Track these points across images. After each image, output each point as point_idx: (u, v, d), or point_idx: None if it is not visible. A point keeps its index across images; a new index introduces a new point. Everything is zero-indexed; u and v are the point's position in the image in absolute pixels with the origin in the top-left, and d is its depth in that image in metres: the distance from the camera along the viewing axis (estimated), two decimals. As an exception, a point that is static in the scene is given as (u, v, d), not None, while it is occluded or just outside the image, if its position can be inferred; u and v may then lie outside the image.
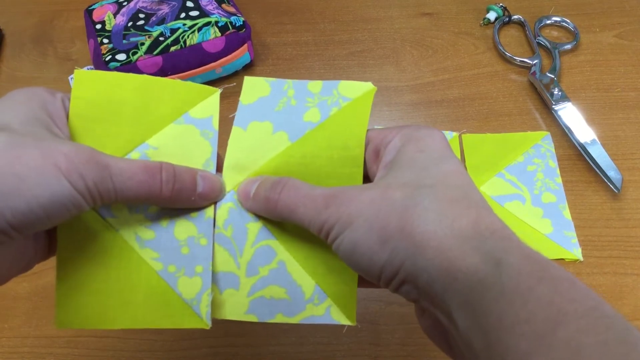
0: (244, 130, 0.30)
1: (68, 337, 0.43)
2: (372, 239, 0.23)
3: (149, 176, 0.25)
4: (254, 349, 0.42)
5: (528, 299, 0.20)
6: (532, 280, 0.20)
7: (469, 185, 0.24)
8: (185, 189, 0.26)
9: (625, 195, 0.48)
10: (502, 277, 0.21)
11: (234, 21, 0.55)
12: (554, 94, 0.54)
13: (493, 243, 0.22)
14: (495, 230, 0.22)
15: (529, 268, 0.21)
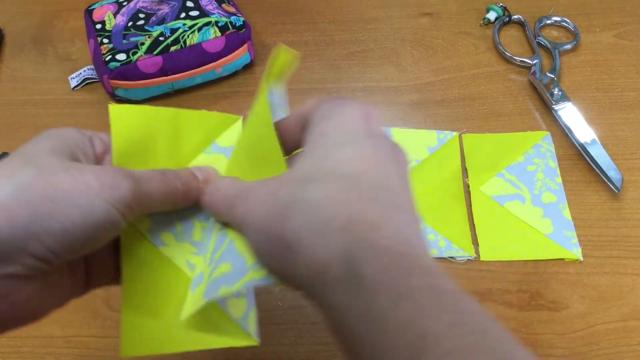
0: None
1: (68, 337, 0.43)
2: (263, 243, 0.22)
3: (163, 175, 0.26)
4: (253, 348, 0.42)
5: (384, 321, 0.18)
6: (389, 301, 0.18)
7: (363, 173, 0.21)
8: (191, 183, 0.27)
9: (625, 195, 0.48)
10: (360, 292, 0.19)
11: (234, 21, 0.55)
12: (554, 94, 0.54)
13: (355, 253, 0.19)
14: (364, 236, 0.20)
15: (387, 282, 0.18)
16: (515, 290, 0.44)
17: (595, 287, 0.44)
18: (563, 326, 0.42)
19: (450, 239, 0.46)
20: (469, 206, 0.48)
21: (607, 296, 0.43)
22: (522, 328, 0.42)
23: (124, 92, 0.54)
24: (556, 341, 0.41)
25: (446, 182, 0.49)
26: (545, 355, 0.41)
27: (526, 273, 0.45)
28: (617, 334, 0.41)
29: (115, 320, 0.43)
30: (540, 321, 0.42)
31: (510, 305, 0.43)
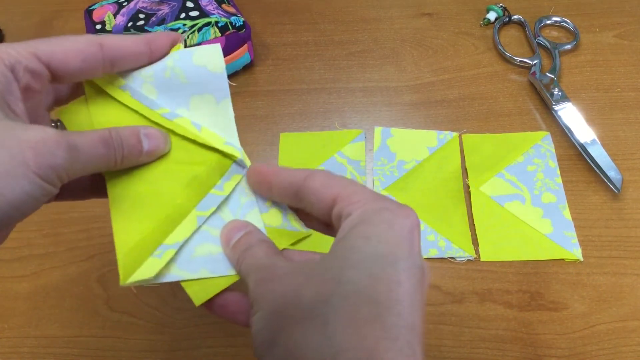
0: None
1: (68, 337, 0.43)
2: (266, 336, 0.22)
3: (107, 148, 0.25)
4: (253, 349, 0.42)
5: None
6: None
7: (394, 302, 0.20)
8: (132, 152, 0.27)
9: (625, 195, 0.48)
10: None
11: (234, 21, 0.55)
12: (554, 94, 0.54)
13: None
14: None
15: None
16: (515, 290, 0.44)
17: (595, 287, 0.44)
18: (563, 326, 0.42)
19: (450, 239, 0.46)
20: (469, 206, 0.48)
21: (607, 296, 0.43)
22: (522, 328, 0.42)
23: (124, 92, 0.54)
24: (556, 341, 0.41)
25: (446, 182, 0.49)
26: (545, 355, 0.41)
27: (526, 273, 0.45)
28: (617, 334, 0.41)
29: (115, 321, 0.43)
30: (540, 321, 0.42)
31: (510, 305, 0.43)
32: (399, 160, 0.51)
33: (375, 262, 0.21)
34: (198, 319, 0.43)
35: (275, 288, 0.23)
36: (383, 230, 0.21)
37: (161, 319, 0.43)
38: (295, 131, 0.54)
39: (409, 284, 0.20)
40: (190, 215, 0.29)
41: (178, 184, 0.29)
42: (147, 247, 0.28)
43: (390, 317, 0.20)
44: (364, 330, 0.19)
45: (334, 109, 0.55)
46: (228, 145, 0.29)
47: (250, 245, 0.27)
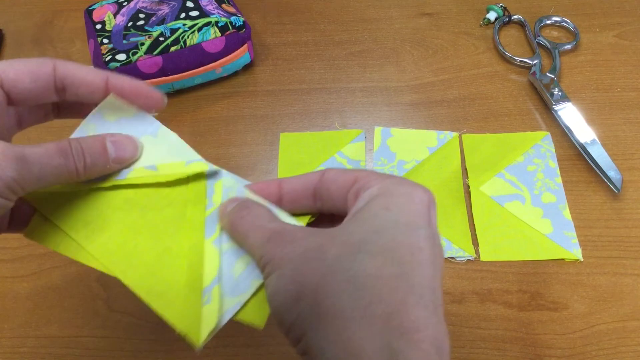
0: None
1: (68, 337, 0.43)
2: (290, 292, 0.22)
3: (64, 158, 0.25)
4: (253, 349, 0.42)
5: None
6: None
7: (417, 265, 0.21)
8: (98, 160, 0.27)
9: (625, 195, 0.48)
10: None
11: (234, 21, 0.55)
12: (554, 94, 0.54)
13: (397, 346, 0.19)
14: (407, 333, 0.20)
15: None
16: (515, 290, 0.44)
17: (595, 287, 0.44)
18: (563, 326, 0.42)
19: (450, 239, 0.46)
20: (469, 206, 0.48)
21: (607, 296, 0.43)
22: (522, 328, 0.42)
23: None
24: (556, 341, 0.41)
25: (446, 182, 0.49)
26: (545, 355, 0.41)
27: (526, 273, 0.45)
28: (617, 334, 0.41)
29: (115, 321, 0.43)
30: (540, 321, 0.42)
31: (510, 305, 0.43)
32: (399, 160, 0.51)
33: (398, 229, 0.22)
34: (198, 319, 0.43)
35: (294, 249, 0.23)
36: (403, 202, 0.23)
37: (161, 319, 0.43)
38: (295, 131, 0.54)
39: (429, 251, 0.21)
40: (206, 246, 0.28)
41: (175, 230, 0.28)
42: (194, 301, 0.27)
43: (415, 278, 0.21)
44: (393, 284, 0.20)
45: (334, 109, 0.55)
46: (190, 164, 0.29)
47: (245, 205, 0.27)
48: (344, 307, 0.20)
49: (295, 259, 0.22)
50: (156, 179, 0.28)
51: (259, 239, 0.25)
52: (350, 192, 0.25)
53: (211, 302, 0.27)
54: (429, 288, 0.21)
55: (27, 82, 0.25)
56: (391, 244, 0.21)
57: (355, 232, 0.22)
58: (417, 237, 0.22)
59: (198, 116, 0.55)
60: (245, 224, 0.26)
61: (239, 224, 0.26)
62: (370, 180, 0.24)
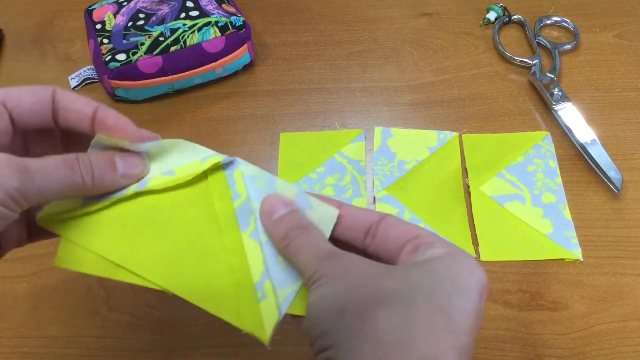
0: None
1: (68, 337, 0.43)
2: (336, 303, 0.23)
3: (69, 169, 0.25)
4: (254, 349, 0.42)
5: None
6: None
7: (463, 328, 0.22)
8: (106, 174, 0.27)
9: (625, 195, 0.48)
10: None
11: (234, 21, 0.55)
12: (554, 94, 0.54)
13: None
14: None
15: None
16: (515, 290, 0.44)
17: (595, 287, 0.44)
18: (563, 326, 0.42)
19: (450, 239, 0.46)
20: (469, 206, 0.48)
21: (607, 296, 0.43)
22: (522, 328, 0.42)
23: (124, 92, 0.54)
24: (556, 341, 0.41)
25: (446, 182, 0.49)
26: (545, 355, 0.41)
27: (526, 273, 0.45)
28: (617, 334, 0.41)
29: (115, 321, 0.43)
30: (540, 321, 0.42)
31: (510, 305, 0.43)
32: (399, 160, 0.51)
33: (455, 291, 0.23)
34: (198, 319, 0.43)
35: (351, 270, 0.24)
36: (465, 271, 0.24)
37: (161, 319, 0.43)
38: (295, 131, 0.54)
39: (475, 322, 0.23)
40: (245, 241, 0.28)
41: (208, 228, 0.28)
42: (249, 300, 0.27)
43: (459, 339, 0.22)
44: (440, 336, 0.22)
45: (334, 109, 0.55)
46: (205, 160, 0.29)
47: (300, 225, 0.27)
48: (388, 333, 0.21)
49: (351, 278, 0.24)
50: (176, 181, 0.29)
51: (313, 256, 0.26)
52: (409, 243, 0.26)
53: (267, 297, 0.27)
54: (466, 353, 0.22)
55: (29, 102, 0.26)
56: (445, 299, 0.23)
57: (414, 277, 0.23)
58: (469, 304, 0.23)
59: (198, 116, 0.55)
60: (300, 243, 0.27)
61: (294, 241, 0.27)
62: (436, 241, 0.26)
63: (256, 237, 0.28)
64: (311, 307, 0.24)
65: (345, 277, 0.24)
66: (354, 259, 0.25)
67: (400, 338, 0.21)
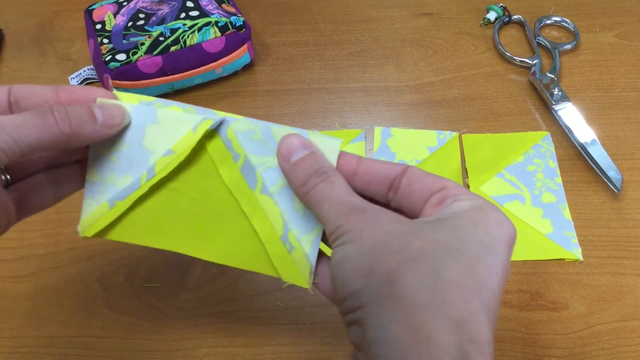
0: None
1: (68, 337, 0.43)
2: (362, 264, 0.23)
3: (42, 118, 0.25)
4: (254, 349, 0.42)
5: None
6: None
7: (491, 286, 0.22)
8: (84, 122, 0.27)
9: (625, 195, 0.48)
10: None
11: (234, 21, 0.55)
12: (554, 94, 0.54)
13: (467, 349, 0.20)
14: (476, 341, 0.21)
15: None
16: (515, 290, 0.44)
17: (595, 287, 0.44)
18: (563, 326, 0.42)
19: (450, 239, 0.46)
20: (469, 206, 0.48)
21: (607, 296, 0.43)
22: (522, 328, 0.42)
23: (124, 92, 0.54)
24: (556, 341, 0.41)
25: (446, 182, 0.49)
26: (545, 355, 0.41)
27: (526, 273, 0.45)
28: (617, 334, 0.41)
29: (115, 321, 0.43)
30: (540, 321, 0.42)
31: (510, 305, 0.43)
32: (399, 160, 0.51)
33: (481, 248, 0.23)
34: (198, 319, 0.43)
35: (378, 227, 0.23)
36: (491, 225, 0.24)
37: (161, 319, 0.43)
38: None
39: (502, 278, 0.23)
40: (258, 198, 0.29)
41: (223, 195, 0.29)
42: (280, 254, 0.28)
43: (487, 298, 0.22)
44: (468, 295, 0.21)
45: (334, 109, 0.55)
46: (196, 127, 0.29)
47: (321, 170, 0.26)
48: (419, 296, 0.21)
49: (377, 237, 0.23)
50: (178, 159, 0.29)
51: (336, 209, 0.25)
52: (434, 196, 0.26)
53: (295, 247, 0.28)
54: (494, 311, 0.22)
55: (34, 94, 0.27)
56: (473, 259, 0.22)
57: (440, 234, 0.23)
58: (497, 262, 0.23)
59: (198, 116, 0.55)
60: (321, 192, 0.26)
61: (315, 189, 0.26)
62: (462, 193, 0.25)
63: (266, 191, 0.29)
64: (337, 266, 0.24)
65: (371, 234, 0.23)
66: (378, 214, 0.24)
67: (430, 302, 0.21)
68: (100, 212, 0.30)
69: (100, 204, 0.30)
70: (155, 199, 0.30)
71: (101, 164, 0.30)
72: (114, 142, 0.29)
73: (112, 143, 0.29)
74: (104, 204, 0.30)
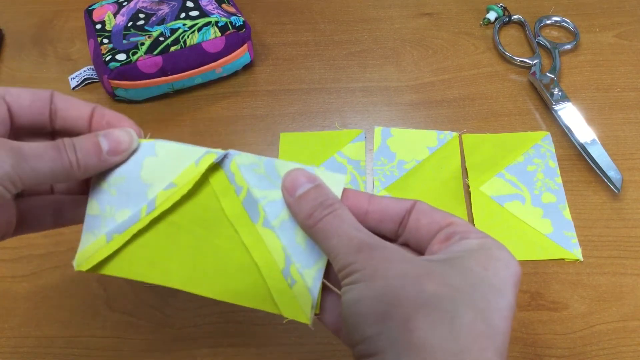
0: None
1: (68, 337, 0.43)
2: (377, 307, 0.22)
3: (57, 151, 0.26)
4: (254, 349, 0.42)
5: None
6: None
7: (500, 330, 0.23)
8: (90, 153, 0.27)
9: (625, 195, 0.48)
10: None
11: (234, 21, 0.55)
12: (554, 94, 0.54)
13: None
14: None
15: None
16: (515, 290, 0.44)
17: (595, 287, 0.44)
18: (563, 326, 0.42)
19: (450, 239, 0.46)
20: (469, 206, 0.48)
21: (607, 296, 0.43)
22: (522, 328, 0.42)
23: (124, 92, 0.54)
24: (556, 341, 0.41)
25: (446, 182, 0.49)
26: (545, 355, 0.41)
27: (526, 273, 0.45)
28: (617, 334, 0.41)
29: (115, 321, 0.43)
30: (540, 321, 0.42)
31: (510, 305, 0.43)
32: (399, 160, 0.51)
33: (491, 292, 0.23)
34: (198, 319, 0.43)
35: (390, 268, 0.23)
36: (499, 267, 0.24)
37: (161, 319, 0.43)
38: (295, 131, 0.54)
39: (510, 320, 0.23)
40: (260, 231, 0.29)
41: (223, 228, 0.29)
42: (281, 288, 0.28)
43: (498, 342, 0.22)
44: (483, 343, 0.22)
45: (334, 109, 0.55)
46: (199, 161, 0.29)
47: (327, 202, 0.26)
48: (436, 346, 0.21)
49: (390, 278, 0.23)
50: (180, 192, 0.29)
51: (346, 245, 0.25)
52: (442, 232, 0.26)
53: (296, 281, 0.28)
54: (504, 354, 0.22)
55: (28, 100, 0.28)
56: (484, 303, 0.23)
57: (453, 278, 0.23)
58: (505, 304, 0.23)
59: (198, 116, 0.55)
60: (329, 225, 0.25)
61: (322, 222, 0.26)
62: (470, 231, 0.25)
63: (268, 225, 0.29)
64: (350, 307, 0.23)
65: (384, 275, 0.23)
66: (390, 254, 0.24)
67: (448, 351, 0.21)
68: (97, 245, 0.30)
69: (97, 238, 0.30)
70: (154, 232, 0.29)
71: (100, 197, 0.30)
72: (113, 175, 0.29)
73: (111, 176, 0.29)
74: (102, 237, 0.30)
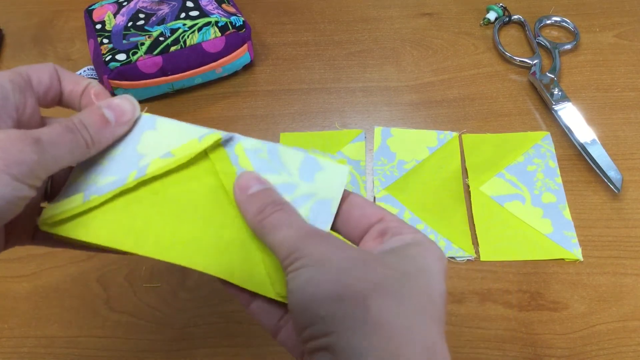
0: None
1: (68, 337, 0.43)
2: (331, 290, 0.22)
3: (72, 134, 0.26)
4: (254, 349, 0.42)
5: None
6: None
7: (442, 311, 0.24)
8: (101, 128, 0.27)
9: (625, 195, 0.48)
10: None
11: (234, 21, 0.55)
12: (554, 94, 0.54)
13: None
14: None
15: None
16: (515, 290, 0.44)
17: (595, 287, 0.44)
18: (563, 326, 0.42)
19: (451, 239, 0.46)
20: (469, 206, 0.48)
21: (607, 296, 0.43)
22: (522, 328, 0.42)
23: (124, 92, 0.54)
24: (556, 341, 0.41)
25: (446, 182, 0.49)
26: (545, 355, 0.41)
27: (526, 273, 0.45)
28: (617, 334, 0.41)
29: (115, 321, 0.43)
30: (540, 321, 0.42)
31: (510, 305, 0.43)
32: (399, 160, 0.51)
33: (431, 276, 0.25)
34: (198, 319, 0.43)
35: (338, 252, 0.24)
36: (434, 259, 0.25)
37: (161, 319, 0.43)
38: (295, 131, 0.54)
39: (445, 304, 0.25)
40: None
41: (221, 204, 0.29)
42: (278, 266, 0.27)
43: (442, 323, 0.24)
44: (430, 323, 0.23)
45: (334, 109, 0.55)
46: (203, 138, 0.29)
47: (277, 201, 0.27)
48: (391, 322, 0.22)
49: (340, 262, 0.23)
50: (177, 162, 0.28)
51: (293, 234, 0.25)
52: (374, 227, 0.27)
53: None
54: (443, 330, 0.24)
55: (47, 77, 0.27)
56: (427, 287, 0.24)
57: (398, 264, 0.24)
58: (442, 288, 0.25)
59: (198, 116, 0.55)
60: (277, 220, 0.26)
61: (271, 217, 0.26)
62: (402, 227, 0.26)
63: None
64: (299, 291, 0.23)
65: (333, 259, 0.23)
66: (337, 241, 0.24)
67: (402, 328, 0.22)
68: (71, 204, 0.28)
69: (73, 196, 0.28)
70: (137, 198, 0.28)
71: (88, 166, 0.28)
72: (107, 148, 0.29)
73: (105, 148, 0.29)
74: (79, 195, 0.28)
